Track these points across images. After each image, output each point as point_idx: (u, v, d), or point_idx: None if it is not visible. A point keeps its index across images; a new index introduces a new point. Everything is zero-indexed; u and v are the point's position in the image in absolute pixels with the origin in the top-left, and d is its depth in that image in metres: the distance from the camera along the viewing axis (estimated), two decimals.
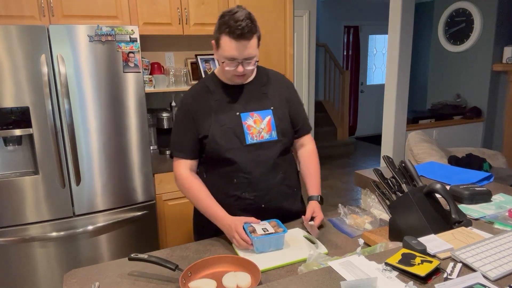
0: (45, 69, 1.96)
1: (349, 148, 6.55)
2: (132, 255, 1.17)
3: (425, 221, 1.17)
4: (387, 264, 0.99)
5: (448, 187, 1.55)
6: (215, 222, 1.40)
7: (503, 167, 3.41)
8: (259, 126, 1.45)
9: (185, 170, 1.48)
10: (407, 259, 0.98)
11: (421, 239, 1.08)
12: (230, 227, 1.32)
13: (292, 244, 1.32)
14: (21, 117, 1.98)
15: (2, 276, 2.06)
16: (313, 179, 1.56)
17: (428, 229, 1.16)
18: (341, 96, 6.56)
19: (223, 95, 1.46)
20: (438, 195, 1.27)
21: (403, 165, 1.39)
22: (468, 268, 0.97)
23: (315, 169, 1.58)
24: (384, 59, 7.73)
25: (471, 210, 1.42)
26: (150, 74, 2.76)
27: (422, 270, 0.93)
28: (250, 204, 1.46)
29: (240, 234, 1.28)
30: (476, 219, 1.35)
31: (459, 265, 0.98)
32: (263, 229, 1.29)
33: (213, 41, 1.39)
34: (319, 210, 1.46)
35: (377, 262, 1.02)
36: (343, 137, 6.63)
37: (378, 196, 1.36)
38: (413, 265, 0.96)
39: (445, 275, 0.95)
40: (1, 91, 1.92)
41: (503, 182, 1.83)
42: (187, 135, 1.47)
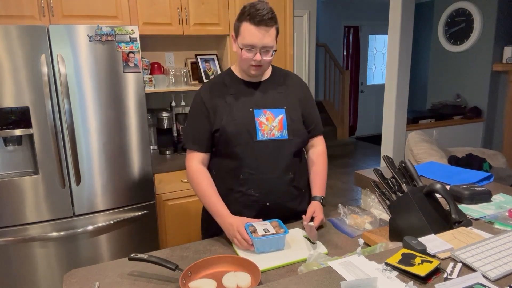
0: (45, 69, 1.96)
1: (349, 148, 6.55)
2: (132, 255, 1.17)
3: (425, 221, 1.17)
4: (387, 264, 0.99)
5: (448, 187, 1.55)
6: (217, 220, 1.41)
7: (503, 167, 3.41)
8: (271, 123, 1.45)
9: (197, 164, 1.49)
10: (407, 259, 0.98)
11: (421, 239, 1.08)
12: (232, 227, 1.32)
13: (292, 244, 1.32)
14: (21, 117, 1.98)
15: (2, 276, 2.06)
16: (319, 179, 1.56)
17: (428, 229, 1.16)
18: (341, 96, 6.56)
19: (239, 90, 1.47)
20: (438, 195, 1.27)
21: (403, 165, 1.39)
22: (468, 268, 0.97)
23: (322, 170, 1.58)
24: (384, 59, 7.73)
25: (471, 210, 1.42)
26: (150, 74, 2.76)
27: (422, 270, 0.93)
28: (255, 201, 1.46)
29: (242, 234, 1.28)
30: (476, 219, 1.35)
31: (459, 265, 0.98)
32: (264, 229, 1.29)
33: (232, 34, 1.42)
34: (320, 211, 1.45)
35: (377, 262, 1.02)
36: (343, 137, 6.63)
37: (378, 196, 1.36)
38: (413, 265, 0.96)
39: (445, 275, 0.95)
40: (1, 91, 1.92)
41: (503, 182, 1.83)
42: (201, 128, 1.47)
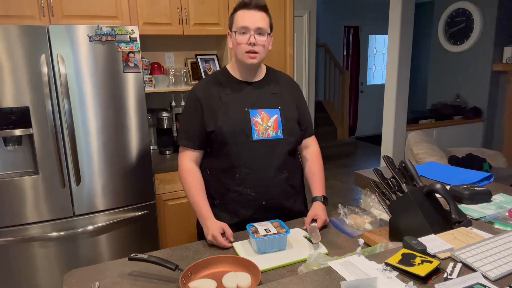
0: (45, 69, 1.96)
1: (349, 148, 6.54)
2: (132, 255, 1.17)
3: (425, 221, 1.17)
4: (387, 264, 0.99)
5: (448, 187, 1.55)
6: (199, 219, 1.44)
7: (503, 167, 3.41)
8: (266, 123, 1.46)
9: (188, 162, 1.50)
10: (407, 259, 0.98)
11: (421, 239, 1.08)
12: (208, 230, 1.35)
13: (292, 244, 1.32)
14: (21, 117, 1.98)
15: (2, 276, 2.06)
16: (317, 180, 1.57)
17: (428, 229, 1.16)
18: (341, 96, 6.56)
19: (234, 90, 1.48)
20: (438, 195, 1.27)
21: (403, 165, 1.39)
22: (468, 268, 0.97)
23: (318, 170, 1.59)
24: (384, 59, 7.73)
25: (471, 210, 1.42)
26: (150, 74, 2.76)
27: (422, 270, 0.93)
28: (251, 201, 1.47)
29: (216, 239, 1.32)
30: (476, 219, 1.35)
31: (459, 265, 0.98)
32: (265, 229, 1.29)
33: (228, 30, 1.46)
34: (322, 212, 1.45)
35: (377, 262, 1.02)
36: (343, 137, 6.63)
37: (378, 196, 1.36)
38: (413, 265, 0.96)
39: (445, 275, 0.95)
40: (1, 91, 1.92)
41: (503, 182, 1.83)
42: (195, 124, 1.48)
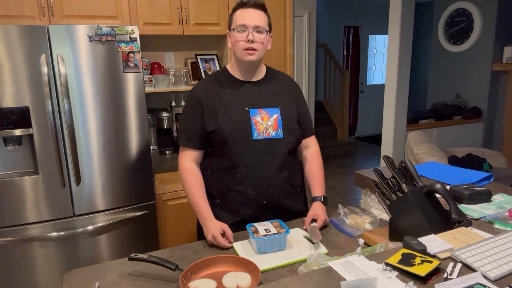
0: (45, 69, 1.96)
1: (349, 148, 6.54)
2: (132, 255, 1.17)
3: (425, 221, 1.17)
4: (387, 264, 0.99)
5: (448, 187, 1.55)
6: (199, 219, 1.45)
7: (503, 167, 3.41)
8: (266, 123, 1.46)
9: (188, 162, 1.50)
10: (407, 259, 0.98)
11: (421, 239, 1.08)
12: (208, 230, 1.35)
13: (292, 244, 1.32)
14: (21, 117, 1.98)
15: (2, 276, 2.06)
16: (317, 180, 1.57)
17: (428, 229, 1.16)
18: (341, 96, 6.56)
19: (233, 89, 1.48)
20: (438, 195, 1.27)
21: (403, 165, 1.39)
22: (468, 268, 0.97)
23: (318, 170, 1.59)
24: (384, 59, 7.73)
25: (471, 210, 1.42)
26: (150, 74, 2.76)
27: (422, 270, 0.93)
28: (252, 200, 1.47)
29: (216, 240, 1.32)
30: (476, 219, 1.35)
31: (459, 265, 0.98)
32: (265, 229, 1.29)
33: (227, 31, 1.47)
34: (322, 212, 1.45)
35: (377, 262, 1.02)
36: (343, 137, 6.63)
37: (378, 196, 1.36)
38: (413, 265, 0.96)
39: (445, 275, 0.95)
40: (1, 91, 1.92)
41: (503, 182, 1.83)
42: (195, 124, 1.48)
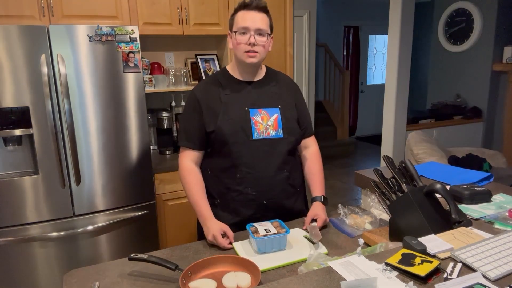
0: (45, 69, 1.96)
1: (349, 148, 6.54)
2: (132, 255, 1.17)
3: (425, 221, 1.17)
4: (387, 264, 0.99)
5: (448, 187, 1.55)
6: (199, 219, 1.45)
7: (503, 167, 3.41)
8: (266, 122, 1.47)
9: (189, 162, 1.50)
10: (407, 259, 0.98)
11: (421, 239, 1.08)
12: (209, 230, 1.35)
13: (292, 244, 1.32)
14: (21, 117, 1.98)
15: (2, 276, 2.06)
16: (317, 180, 1.57)
17: (428, 229, 1.16)
18: (341, 96, 6.56)
19: (233, 90, 1.49)
20: (438, 195, 1.27)
21: (403, 165, 1.39)
22: (468, 268, 0.97)
23: (318, 170, 1.59)
24: (384, 59, 7.73)
25: (471, 210, 1.42)
26: (150, 74, 2.76)
27: (422, 270, 0.93)
28: (252, 200, 1.47)
29: (216, 240, 1.32)
30: (476, 219, 1.35)
31: (459, 265, 0.98)
32: (265, 229, 1.29)
33: (228, 31, 1.47)
34: (322, 212, 1.45)
35: (377, 262, 1.02)
36: (343, 137, 6.63)
37: (378, 196, 1.36)
38: (413, 265, 0.96)
39: (445, 275, 0.95)
40: (1, 91, 1.92)
41: (503, 182, 1.83)
42: (194, 125, 1.49)
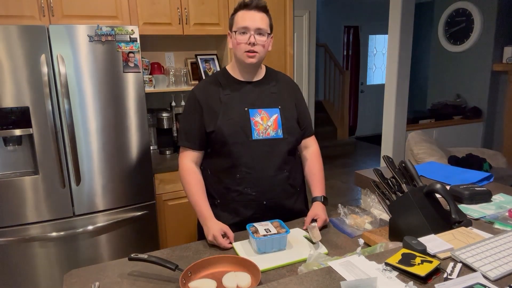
0: (45, 69, 1.96)
1: (349, 148, 6.54)
2: (132, 255, 1.17)
3: (425, 221, 1.17)
4: (387, 264, 0.99)
5: (448, 187, 1.55)
6: (199, 219, 1.45)
7: (503, 167, 3.41)
8: (265, 123, 1.46)
9: (188, 162, 1.51)
10: (407, 259, 0.98)
11: (421, 239, 1.08)
12: (208, 230, 1.36)
13: (292, 244, 1.32)
14: (21, 117, 1.98)
15: (2, 276, 2.06)
16: (317, 180, 1.57)
17: (428, 229, 1.16)
18: (341, 96, 6.56)
19: (233, 90, 1.49)
20: (438, 195, 1.27)
21: (403, 165, 1.39)
22: (468, 268, 0.97)
23: (319, 170, 1.59)
24: (384, 59, 7.73)
25: (471, 210, 1.42)
26: (150, 74, 2.76)
27: (422, 270, 0.93)
28: (252, 200, 1.47)
29: (217, 240, 1.32)
30: (476, 219, 1.35)
31: (459, 265, 0.98)
32: (265, 229, 1.29)
33: (228, 31, 1.47)
34: (322, 212, 1.45)
35: (377, 262, 1.02)
36: (343, 137, 6.63)
37: (378, 196, 1.36)
38: (413, 265, 0.96)
39: (445, 275, 0.95)
40: (1, 91, 1.92)
41: (503, 182, 1.83)
42: (194, 125, 1.49)
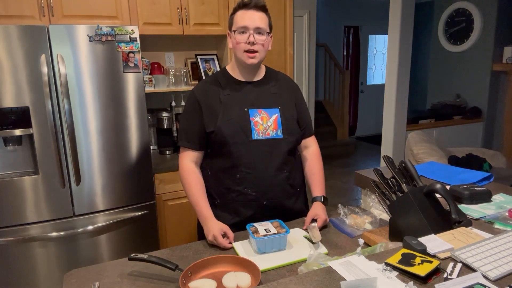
0: (45, 69, 1.96)
1: (349, 148, 6.54)
2: (132, 255, 1.17)
3: (425, 221, 1.17)
4: (387, 264, 0.99)
5: (448, 187, 1.55)
6: (199, 219, 1.45)
7: (503, 167, 3.41)
8: (265, 123, 1.46)
9: (188, 162, 1.51)
10: (407, 259, 0.98)
11: (421, 239, 1.08)
12: (209, 230, 1.36)
13: (292, 244, 1.32)
14: (21, 117, 1.98)
15: (2, 276, 2.06)
16: (317, 180, 1.57)
17: (428, 229, 1.16)
18: (341, 96, 6.56)
19: (233, 90, 1.49)
20: (438, 195, 1.27)
21: (403, 165, 1.39)
22: (468, 268, 0.97)
23: (319, 170, 1.59)
24: (384, 59, 7.73)
25: (471, 210, 1.42)
26: (150, 74, 2.76)
27: (422, 270, 0.93)
28: (252, 200, 1.47)
29: (217, 240, 1.32)
30: (476, 219, 1.35)
31: (459, 265, 0.98)
32: (265, 229, 1.29)
33: (228, 31, 1.47)
34: (322, 212, 1.46)
35: (377, 262, 1.02)
36: (343, 137, 6.63)
37: (378, 196, 1.36)
38: (413, 265, 0.96)
39: (445, 275, 0.95)
40: (1, 91, 1.92)
41: (503, 182, 1.83)
42: (194, 125, 1.49)
